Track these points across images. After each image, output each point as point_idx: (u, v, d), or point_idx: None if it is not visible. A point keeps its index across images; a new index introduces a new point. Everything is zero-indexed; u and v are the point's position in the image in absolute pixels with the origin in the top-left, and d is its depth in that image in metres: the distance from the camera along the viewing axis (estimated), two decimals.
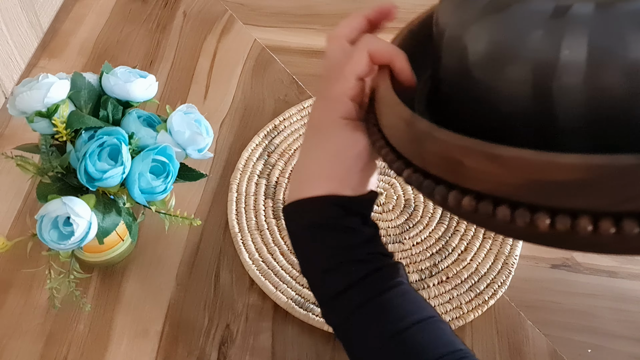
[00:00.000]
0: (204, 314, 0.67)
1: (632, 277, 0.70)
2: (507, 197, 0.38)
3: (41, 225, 0.58)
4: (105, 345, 0.65)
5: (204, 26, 0.96)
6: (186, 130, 0.62)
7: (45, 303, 0.67)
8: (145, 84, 0.63)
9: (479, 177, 0.39)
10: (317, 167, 0.49)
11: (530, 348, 0.65)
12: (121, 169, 0.58)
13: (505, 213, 0.37)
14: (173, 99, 0.86)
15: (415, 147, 0.44)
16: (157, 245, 0.72)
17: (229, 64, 0.90)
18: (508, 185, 0.37)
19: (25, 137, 0.76)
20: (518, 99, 0.40)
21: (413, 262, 0.70)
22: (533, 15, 0.40)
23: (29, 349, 0.64)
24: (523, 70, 0.40)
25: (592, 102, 0.38)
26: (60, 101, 0.60)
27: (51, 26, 0.94)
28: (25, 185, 0.76)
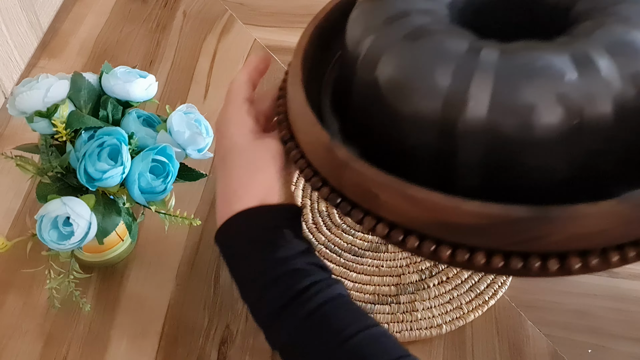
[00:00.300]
0: (203, 314, 0.67)
1: (632, 277, 0.70)
2: (416, 230, 0.42)
3: (41, 226, 0.58)
4: (105, 345, 0.65)
5: (204, 26, 0.96)
6: (186, 131, 0.62)
7: (45, 303, 0.67)
8: (145, 84, 0.63)
9: (392, 210, 0.43)
10: (238, 183, 0.49)
11: (531, 348, 0.65)
12: (121, 169, 0.58)
13: (413, 243, 0.42)
14: (173, 99, 0.86)
15: (333, 171, 0.47)
16: (157, 245, 0.72)
17: (229, 64, 0.90)
18: (418, 220, 0.42)
19: (25, 137, 0.76)
20: (423, 129, 0.43)
21: (413, 262, 0.70)
22: (448, 52, 0.43)
23: (29, 349, 0.64)
24: (433, 102, 0.42)
25: (490, 143, 0.41)
26: (60, 101, 0.60)
27: (51, 26, 0.94)
28: (25, 185, 0.76)
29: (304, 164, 0.48)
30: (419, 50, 0.44)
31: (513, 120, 0.40)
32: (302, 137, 0.49)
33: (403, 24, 0.46)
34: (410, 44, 0.45)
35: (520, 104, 0.40)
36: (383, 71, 0.45)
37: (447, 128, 0.42)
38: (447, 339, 0.66)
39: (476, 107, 0.41)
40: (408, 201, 0.41)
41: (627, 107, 0.41)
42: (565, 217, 0.38)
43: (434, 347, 0.65)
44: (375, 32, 0.47)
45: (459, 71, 0.41)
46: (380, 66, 0.45)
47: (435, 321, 0.65)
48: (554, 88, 0.40)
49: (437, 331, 0.65)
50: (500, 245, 0.40)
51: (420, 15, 0.46)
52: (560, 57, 0.41)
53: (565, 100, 0.40)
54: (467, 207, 0.39)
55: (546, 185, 0.42)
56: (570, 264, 0.39)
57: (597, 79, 0.41)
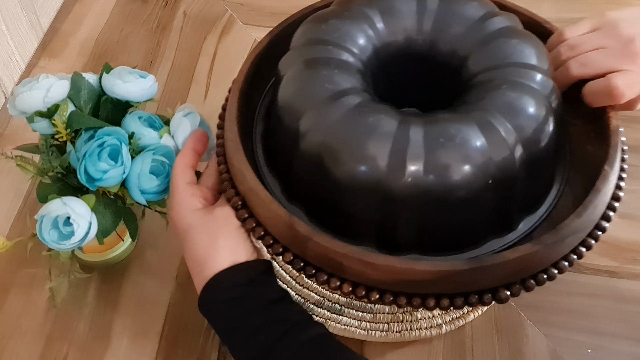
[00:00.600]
0: None
1: (632, 277, 0.70)
2: (376, 286, 0.51)
3: (41, 226, 0.58)
4: (105, 345, 0.65)
5: (204, 26, 0.96)
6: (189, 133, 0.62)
7: (45, 303, 0.67)
8: (145, 84, 0.63)
9: (355, 273, 0.51)
10: (204, 253, 0.52)
11: (530, 348, 0.65)
12: (121, 169, 0.58)
13: (375, 296, 0.50)
14: (173, 99, 0.86)
15: (295, 243, 0.52)
16: (157, 245, 0.72)
17: (229, 64, 0.90)
18: (378, 280, 0.50)
19: (25, 137, 0.76)
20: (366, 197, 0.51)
21: None
22: (384, 131, 0.50)
23: (29, 349, 0.64)
24: (375, 174, 0.50)
25: (425, 204, 0.50)
26: (61, 101, 0.61)
27: (51, 26, 0.94)
28: (25, 185, 0.76)
29: (262, 232, 0.53)
30: (357, 127, 0.51)
31: (442, 185, 0.49)
32: (258, 211, 0.54)
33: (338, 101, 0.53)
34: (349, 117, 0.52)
35: (447, 171, 0.49)
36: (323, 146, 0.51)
37: (389, 194, 0.50)
38: (446, 339, 0.66)
39: (413, 177, 0.49)
40: (369, 266, 0.49)
41: (523, 157, 0.52)
42: (495, 264, 0.48)
43: (433, 347, 0.65)
44: (316, 109, 0.53)
45: (396, 148, 0.49)
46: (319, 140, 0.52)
47: (435, 321, 0.65)
48: (469, 155, 0.49)
49: (437, 331, 0.65)
50: (446, 290, 0.50)
51: (354, 95, 0.53)
52: (470, 127, 0.50)
53: (481, 164, 0.50)
54: (419, 267, 0.49)
55: (468, 227, 0.53)
56: (500, 296, 0.50)
57: (500, 140, 0.50)
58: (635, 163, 0.80)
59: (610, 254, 0.72)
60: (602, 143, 0.57)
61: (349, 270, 0.51)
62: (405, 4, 0.59)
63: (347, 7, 0.59)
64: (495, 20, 0.58)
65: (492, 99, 0.52)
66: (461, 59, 0.57)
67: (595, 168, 0.56)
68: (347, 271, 0.51)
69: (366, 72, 0.57)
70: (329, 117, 0.52)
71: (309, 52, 0.56)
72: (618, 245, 0.73)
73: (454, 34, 0.58)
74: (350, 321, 0.64)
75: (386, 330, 0.64)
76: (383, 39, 0.58)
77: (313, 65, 0.55)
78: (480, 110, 0.52)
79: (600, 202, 0.54)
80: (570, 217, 0.51)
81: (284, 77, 0.56)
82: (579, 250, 0.53)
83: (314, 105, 0.53)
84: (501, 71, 0.55)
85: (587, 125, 0.61)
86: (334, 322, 0.64)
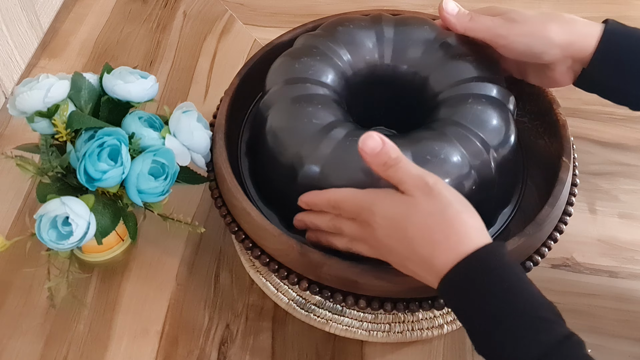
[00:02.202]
0: (204, 314, 0.67)
1: (632, 277, 0.70)
2: (389, 297, 0.56)
3: (40, 225, 0.58)
4: (105, 345, 0.65)
5: (204, 26, 0.96)
6: (192, 131, 0.62)
7: (45, 303, 0.67)
8: (146, 84, 0.63)
9: (368, 288, 0.56)
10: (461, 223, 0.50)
11: None
12: (121, 169, 0.58)
13: (387, 308, 0.56)
14: (173, 99, 0.86)
15: (309, 269, 0.57)
16: (157, 245, 0.72)
17: (229, 64, 0.90)
18: (391, 292, 0.56)
19: (25, 137, 0.76)
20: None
21: None
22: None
23: (29, 349, 0.64)
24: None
25: None
26: (61, 101, 0.60)
27: (51, 26, 0.94)
28: (25, 185, 0.76)
29: (276, 266, 0.58)
30: (351, 156, 0.55)
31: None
32: (267, 245, 0.59)
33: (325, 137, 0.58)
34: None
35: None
36: (322, 177, 0.57)
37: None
38: (447, 339, 0.66)
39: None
40: (383, 280, 0.55)
41: (497, 161, 0.58)
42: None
43: (433, 346, 0.65)
44: (309, 144, 0.58)
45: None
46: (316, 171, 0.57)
47: (436, 321, 0.65)
48: (454, 167, 0.56)
49: (439, 331, 0.65)
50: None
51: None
52: (450, 142, 0.56)
53: (465, 174, 0.56)
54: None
55: None
56: None
57: (477, 150, 0.57)
58: (635, 163, 0.81)
59: (610, 254, 0.72)
60: (554, 137, 0.65)
61: (362, 286, 0.55)
62: (365, 35, 0.65)
63: (314, 45, 0.64)
64: (447, 40, 0.64)
65: (462, 114, 0.59)
66: (423, 79, 0.64)
67: (552, 160, 0.63)
68: (361, 287, 0.56)
69: (341, 102, 0.62)
70: (323, 150, 0.57)
71: (291, 91, 0.61)
72: (618, 245, 0.73)
73: (412, 57, 0.64)
74: (352, 322, 0.64)
75: (388, 330, 0.64)
76: (352, 69, 0.64)
77: (298, 103, 0.60)
78: (454, 125, 0.58)
79: (564, 190, 0.61)
80: (545, 209, 0.58)
81: (270, 115, 0.61)
82: (554, 235, 0.60)
83: (306, 140, 0.58)
84: (463, 86, 0.61)
85: (534, 122, 0.69)
86: (335, 322, 0.64)
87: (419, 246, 0.50)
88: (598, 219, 0.75)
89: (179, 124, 0.62)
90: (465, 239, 0.49)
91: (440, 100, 0.62)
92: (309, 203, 0.57)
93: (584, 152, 0.80)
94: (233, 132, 0.68)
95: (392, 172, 0.51)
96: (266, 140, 0.61)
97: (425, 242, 0.49)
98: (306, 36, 0.67)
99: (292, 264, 0.57)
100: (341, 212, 0.55)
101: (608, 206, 0.76)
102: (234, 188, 0.60)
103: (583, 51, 0.59)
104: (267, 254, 0.59)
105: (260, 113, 0.63)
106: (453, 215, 0.49)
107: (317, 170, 0.57)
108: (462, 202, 0.51)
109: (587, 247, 0.73)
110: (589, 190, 0.77)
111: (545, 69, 0.63)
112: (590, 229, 0.74)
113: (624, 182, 0.78)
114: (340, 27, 0.65)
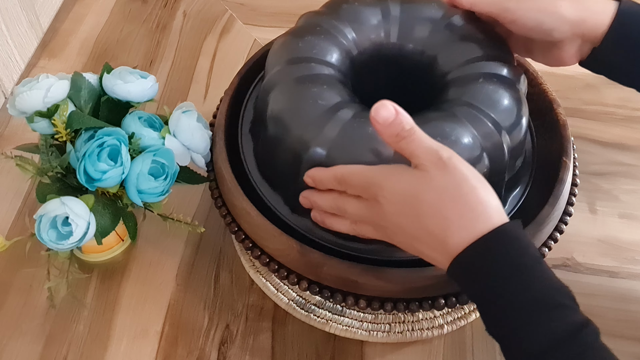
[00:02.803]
0: (203, 314, 0.67)
1: (632, 277, 0.70)
2: (390, 297, 0.56)
3: (40, 225, 0.58)
4: (105, 346, 0.65)
5: (204, 26, 0.96)
6: (193, 131, 0.62)
7: (45, 303, 0.67)
8: (146, 84, 0.63)
9: (368, 288, 0.55)
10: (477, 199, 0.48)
11: None
12: (120, 169, 0.58)
13: (387, 308, 0.56)
14: (173, 99, 0.86)
15: (309, 269, 0.56)
16: (157, 245, 0.72)
17: (229, 64, 0.90)
18: (391, 292, 0.56)
19: (25, 137, 0.76)
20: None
21: None
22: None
23: (28, 349, 0.64)
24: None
25: None
26: (60, 101, 0.60)
27: (51, 26, 0.94)
28: (25, 185, 0.76)
29: (276, 266, 0.58)
30: (359, 139, 0.54)
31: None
32: (268, 245, 0.58)
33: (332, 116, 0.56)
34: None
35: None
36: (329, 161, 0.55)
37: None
38: (447, 339, 0.66)
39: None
40: (382, 279, 0.55)
41: (508, 143, 0.56)
42: None
43: (433, 346, 0.65)
44: (315, 127, 0.55)
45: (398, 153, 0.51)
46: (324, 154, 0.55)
47: (436, 321, 0.65)
48: (465, 150, 0.53)
49: (439, 331, 0.64)
50: (452, 290, 0.56)
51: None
52: (461, 123, 0.54)
53: (476, 156, 0.54)
54: (428, 273, 0.54)
55: None
56: None
57: (489, 132, 0.55)
58: (635, 163, 0.81)
59: (610, 254, 0.72)
60: (554, 137, 0.64)
61: (362, 286, 0.55)
62: (370, 13, 0.62)
63: (318, 23, 0.62)
64: (455, 19, 0.61)
65: (473, 94, 0.56)
66: (430, 59, 0.61)
67: (552, 160, 0.63)
68: (362, 287, 0.55)
69: (347, 82, 0.59)
70: (329, 132, 0.54)
71: (294, 71, 0.58)
72: (618, 245, 0.73)
73: (419, 36, 0.62)
74: (352, 322, 0.64)
75: (388, 331, 0.64)
76: (357, 49, 0.62)
77: (302, 83, 0.57)
78: (465, 106, 0.56)
79: (565, 190, 0.60)
80: (546, 208, 0.58)
81: (273, 97, 0.59)
82: (554, 235, 0.60)
83: (311, 122, 0.55)
84: (473, 65, 0.58)
85: (534, 122, 0.67)
86: (335, 322, 0.64)
87: (431, 224, 0.47)
88: (598, 219, 0.75)
89: (179, 124, 0.62)
90: (481, 217, 0.46)
91: (449, 80, 0.59)
92: (314, 178, 0.54)
93: (584, 152, 0.80)
94: (234, 111, 0.66)
95: (404, 144, 0.48)
96: (269, 123, 0.58)
97: (438, 220, 0.47)
98: (309, 15, 0.64)
99: (292, 264, 0.57)
100: (347, 187, 0.52)
101: (608, 206, 0.76)
102: (234, 188, 0.59)
103: (595, 29, 0.57)
104: (267, 254, 0.59)
105: (262, 94, 0.60)
106: (469, 192, 0.47)
107: (323, 153, 0.55)
108: (478, 178, 0.48)
109: (587, 247, 0.73)
110: (589, 190, 0.77)
111: (552, 47, 0.60)
112: (590, 229, 0.74)
113: (624, 182, 0.78)
114: (345, 4, 0.62)
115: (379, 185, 0.49)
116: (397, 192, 0.48)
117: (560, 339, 0.44)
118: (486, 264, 0.46)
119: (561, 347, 0.44)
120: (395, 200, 0.48)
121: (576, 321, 0.45)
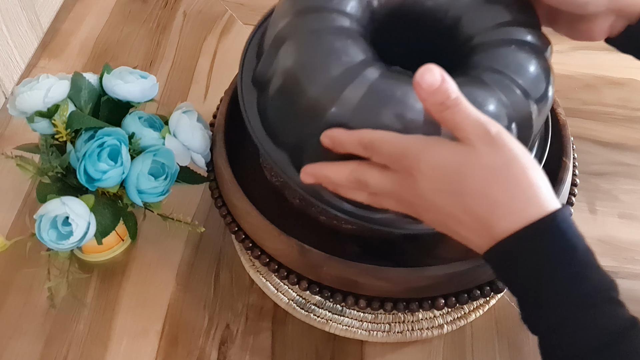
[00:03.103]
0: (204, 314, 0.67)
1: (632, 277, 0.70)
2: (389, 297, 0.56)
3: (40, 225, 0.58)
4: (105, 345, 0.65)
5: (204, 26, 0.96)
6: (192, 131, 0.62)
7: (45, 303, 0.67)
8: (146, 84, 0.63)
9: (368, 288, 0.55)
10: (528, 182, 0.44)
11: (531, 348, 0.65)
12: (120, 169, 0.58)
13: (387, 308, 0.56)
14: (173, 99, 0.86)
15: (309, 269, 0.56)
16: (157, 245, 0.72)
17: (229, 64, 0.90)
18: (391, 292, 0.55)
19: (25, 137, 0.76)
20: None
21: None
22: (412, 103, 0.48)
23: (29, 349, 0.64)
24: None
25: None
26: (61, 101, 0.60)
27: (51, 26, 0.94)
28: (25, 185, 0.76)
29: (276, 266, 0.58)
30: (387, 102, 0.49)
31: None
32: (267, 245, 0.58)
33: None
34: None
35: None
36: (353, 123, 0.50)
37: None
38: (446, 339, 0.66)
39: None
40: (382, 280, 0.54)
41: (536, 115, 0.53)
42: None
43: (433, 347, 0.65)
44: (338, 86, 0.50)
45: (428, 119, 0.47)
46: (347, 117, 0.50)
47: (436, 321, 0.65)
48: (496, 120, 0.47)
49: (439, 331, 0.64)
50: (451, 289, 0.56)
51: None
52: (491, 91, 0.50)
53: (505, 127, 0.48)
54: (430, 272, 0.54)
55: None
56: (497, 286, 0.57)
57: (520, 101, 0.51)
58: (635, 163, 0.81)
59: (610, 254, 0.72)
60: (554, 137, 0.63)
61: (362, 286, 0.55)
62: None
63: None
64: None
65: (502, 60, 0.52)
66: (455, 20, 0.56)
67: (552, 160, 0.61)
68: (361, 287, 0.55)
69: (367, 37, 0.53)
70: (353, 93, 0.49)
71: (309, 22, 0.52)
72: (618, 245, 0.73)
73: None
74: (352, 322, 0.64)
75: (388, 330, 0.64)
76: (378, 1, 0.56)
77: (322, 36, 0.51)
78: (493, 72, 0.51)
79: (564, 190, 0.60)
80: None
81: (284, 50, 0.53)
82: None
83: (334, 81, 0.50)
84: (501, 30, 0.54)
85: None
86: (335, 322, 0.64)
87: (474, 205, 0.43)
88: (598, 219, 0.75)
89: (179, 124, 0.62)
90: (532, 200, 0.43)
91: (475, 44, 0.54)
92: (335, 139, 0.48)
93: (584, 152, 0.80)
94: (234, 111, 0.64)
95: (449, 114, 0.43)
96: (280, 80, 0.53)
97: (485, 201, 0.43)
98: None
99: (292, 264, 0.57)
100: (374, 155, 0.46)
101: (608, 206, 0.76)
102: (234, 188, 0.59)
103: (633, 5, 0.53)
104: (267, 254, 0.59)
105: (271, 48, 0.55)
106: (520, 173, 0.43)
107: (344, 115, 0.49)
108: (528, 157, 0.44)
109: None
110: (589, 190, 0.77)
111: (581, 20, 0.55)
112: (590, 229, 0.74)
113: (624, 182, 0.78)
114: None
115: (415, 157, 0.44)
116: (436, 167, 0.44)
117: (609, 341, 0.41)
118: (538, 251, 0.42)
119: (612, 346, 0.41)
120: (433, 176, 0.44)
121: (626, 320, 0.42)
